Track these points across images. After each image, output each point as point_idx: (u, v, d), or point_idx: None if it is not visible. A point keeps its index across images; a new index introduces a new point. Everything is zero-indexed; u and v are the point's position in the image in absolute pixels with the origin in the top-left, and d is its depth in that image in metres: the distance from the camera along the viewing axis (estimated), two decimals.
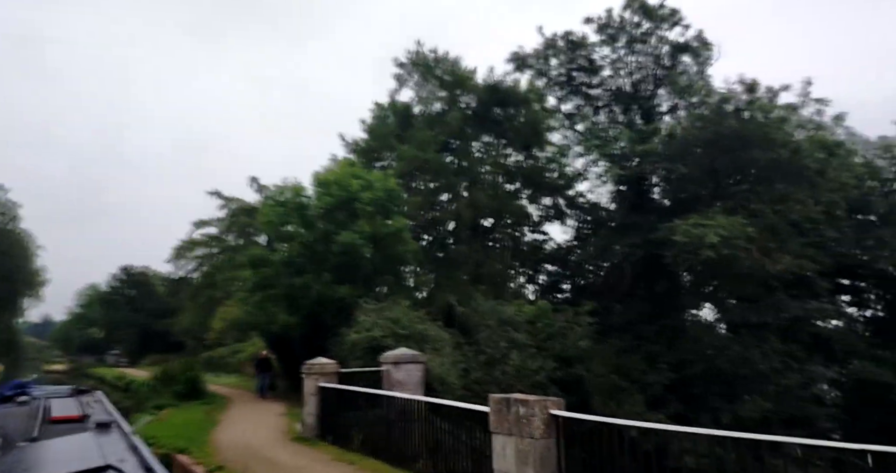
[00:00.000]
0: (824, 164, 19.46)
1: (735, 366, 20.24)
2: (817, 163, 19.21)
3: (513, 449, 5.95)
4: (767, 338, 20.94)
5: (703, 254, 17.60)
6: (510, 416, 6.06)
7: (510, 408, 6.07)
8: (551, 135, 30.65)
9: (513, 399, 6.09)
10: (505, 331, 19.69)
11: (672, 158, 20.71)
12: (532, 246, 30.06)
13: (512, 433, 6.01)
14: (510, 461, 5.95)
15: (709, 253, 17.49)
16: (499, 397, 6.31)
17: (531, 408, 5.80)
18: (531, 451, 5.69)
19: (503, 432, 6.13)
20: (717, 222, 17.87)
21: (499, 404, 6.23)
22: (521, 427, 5.87)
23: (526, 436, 5.79)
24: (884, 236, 27.01)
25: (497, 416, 6.23)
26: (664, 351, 22.67)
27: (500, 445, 6.16)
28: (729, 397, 21.13)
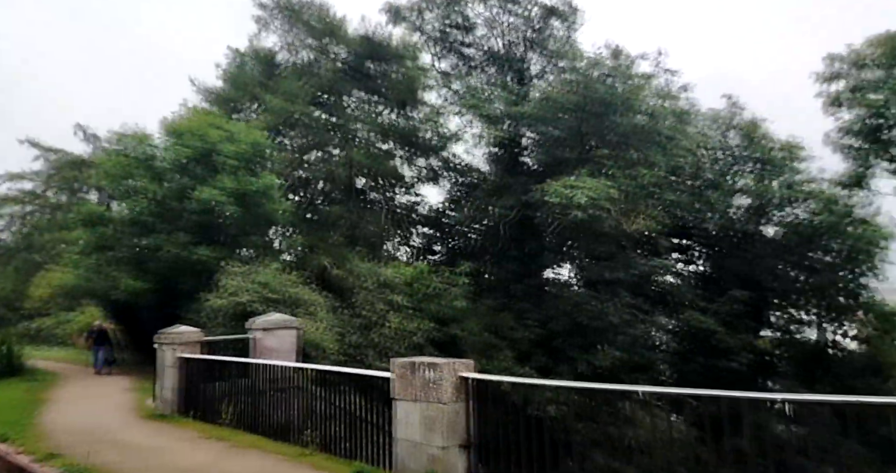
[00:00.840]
0: (675, 131, 21.42)
1: (592, 320, 21.90)
2: (670, 130, 21.07)
3: (418, 416, 5.54)
4: (619, 293, 22.91)
5: (572, 214, 18.52)
6: (416, 381, 5.62)
7: (416, 372, 5.63)
8: (427, 94, 30.13)
9: (419, 363, 5.65)
10: (383, 293, 19.27)
11: (545, 121, 21.35)
12: (407, 208, 29.72)
13: (418, 398, 5.58)
14: (415, 428, 5.54)
15: (578, 213, 18.46)
16: (404, 361, 5.84)
17: (440, 371, 5.40)
18: (439, 417, 5.33)
19: (408, 398, 5.68)
20: (585, 184, 18.87)
21: (404, 368, 5.76)
22: (429, 392, 5.47)
23: (434, 401, 5.41)
24: (711, 199, 30.84)
25: (401, 381, 5.77)
26: (532, 309, 23.87)
27: (404, 412, 5.72)
28: (585, 348, 22.93)
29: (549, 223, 20.30)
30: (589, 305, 21.83)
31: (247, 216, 19.47)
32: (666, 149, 21.90)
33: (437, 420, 5.33)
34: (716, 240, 32.99)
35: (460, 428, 5.36)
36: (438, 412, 5.33)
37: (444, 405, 5.30)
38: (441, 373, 5.38)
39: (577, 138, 22.05)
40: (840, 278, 31.93)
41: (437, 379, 5.39)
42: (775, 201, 31.53)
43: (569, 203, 18.48)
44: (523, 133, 22.94)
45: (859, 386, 34.17)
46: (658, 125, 21.04)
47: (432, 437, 5.33)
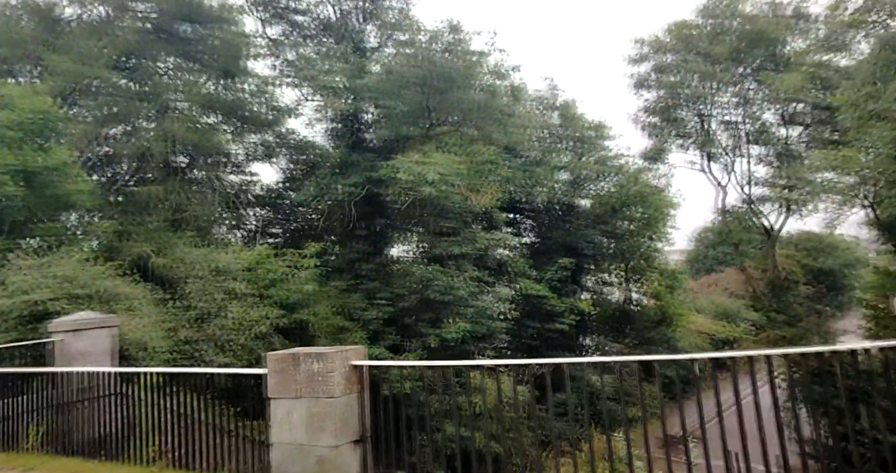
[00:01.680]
0: (512, 108, 22.45)
1: (441, 295, 22.33)
2: (506, 107, 22.00)
3: (303, 414, 4.86)
4: (465, 267, 23.67)
5: (423, 191, 18.46)
6: (300, 375, 4.91)
7: (300, 366, 4.92)
8: (255, 63, 27.65)
9: (304, 355, 4.94)
10: (220, 282, 17.39)
11: (389, 95, 20.88)
12: (238, 188, 27.25)
13: (301, 394, 4.89)
14: (299, 429, 4.86)
15: (429, 190, 18.44)
16: (283, 354, 5.07)
17: (331, 362, 4.77)
18: (330, 413, 4.71)
19: (289, 395, 4.96)
20: (434, 160, 18.90)
21: (283, 362, 5.00)
22: (316, 386, 4.81)
23: (322, 396, 4.77)
24: (538, 174, 33.33)
25: (280, 377, 5.00)
26: (382, 288, 23.58)
27: (285, 412, 4.98)
28: (435, 323, 23.39)
29: (399, 200, 20.03)
30: (438, 280, 22.16)
31: (35, 199, 16.11)
32: (504, 126, 22.87)
33: (327, 417, 4.72)
34: (542, 213, 35.85)
35: (354, 422, 4.82)
36: (328, 407, 4.72)
37: (335, 398, 4.71)
38: (332, 364, 4.76)
39: (422, 114, 21.98)
40: (639, 243, 36.86)
41: (327, 371, 4.77)
42: (590, 176, 35.12)
43: (419, 179, 18.37)
44: (366, 108, 22.21)
45: (654, 335, 40.05)
46: (497, 102, 21.86)
47: (321, 436, 4.72)
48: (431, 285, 22.35)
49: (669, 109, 26.87)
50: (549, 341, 29.39)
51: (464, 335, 22.67)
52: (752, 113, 24.06)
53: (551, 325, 28.74)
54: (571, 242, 33.26)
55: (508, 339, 25.20)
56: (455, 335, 22.44)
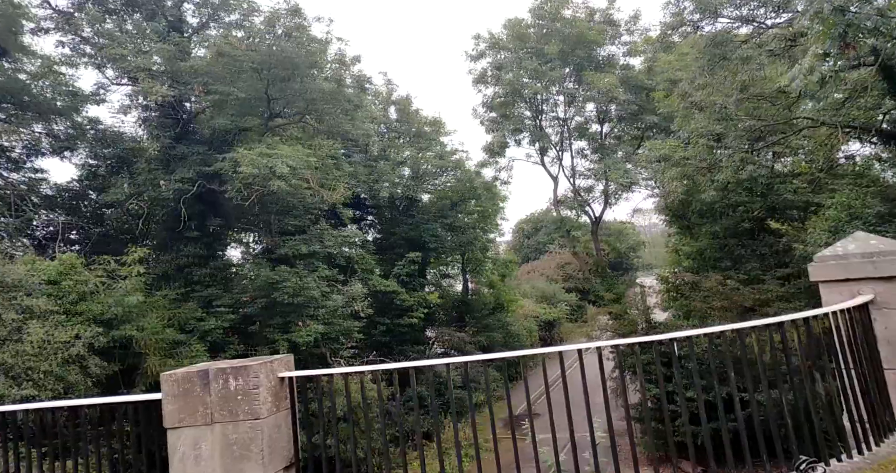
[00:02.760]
0: (360, 99, 21.70)
1: (292, 297, 20.92)
2: (354, 98, 21.20)
3: (218, 444, 3.95)
4: (316, 266, 22.50)
5: (272, 186, 16.92)
6: (212, 396, 3.98)
7: (210, 385, 3.97)
8: (40, 39, 23.04)
9: (216, 371, 4.00)
10: (12, 298, 14.09)
11: (222, 81, 18.72)
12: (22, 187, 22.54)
13: (214, 420, 3.96)
14: (212, 462, 3.94)
15: (279, 184, 16.95)
16: (187, 371, 4.06)
17: (254, 376, 3.92)
18: (255, 438, 3.88)
19: (195, 423, 3.98)
20: (283, 152, 17.43)
21: (187, 383, 4.00)
22: (236, 407, 3.94)
23: (246, 418, 3.91)
24: (381, 169, 33.13)
25: (183, 401, 4.00)
26: (221, 294, 21.36)
27: (190, 443, 4.00)
28: (285, 327, 21.88)
29: (239, 197, 18.14)
30: (288, 282, 20.69)
31: None
32: (353, 118, 22.06)
33: (252, 443, 3.86)
34: (385, 208, 35.74)
35: (284, 445, 4.03)
36: (252, 431, 3.86)
37: (262, 420, 3.87)
38: (255, 378, 3.90)
39: (261, 103, 20.15)
40: (476, 235, 38.71)
41: (250, 388, 3.89)
42: (429, 171, 35.88)
43: (266, 173, 16.80)
44: (193, 95, 19.70)
45: (491, 321, 42.45)
46: (345, 92, 20.94)
47: (244, 468, 3.85)
48: (280, 288, 20.80)
49: (506, 104, 28.42)
50: (399, 336, 29.38)
51: (317, 337, 21.55)
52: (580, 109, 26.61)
53: (402, 320, 28.75)
54: (415, 236, 33.65)
55: (362, 337, 24.56)
56: (308, 339, 21.22)
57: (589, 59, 26.41)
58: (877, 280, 4.68)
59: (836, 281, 4.84)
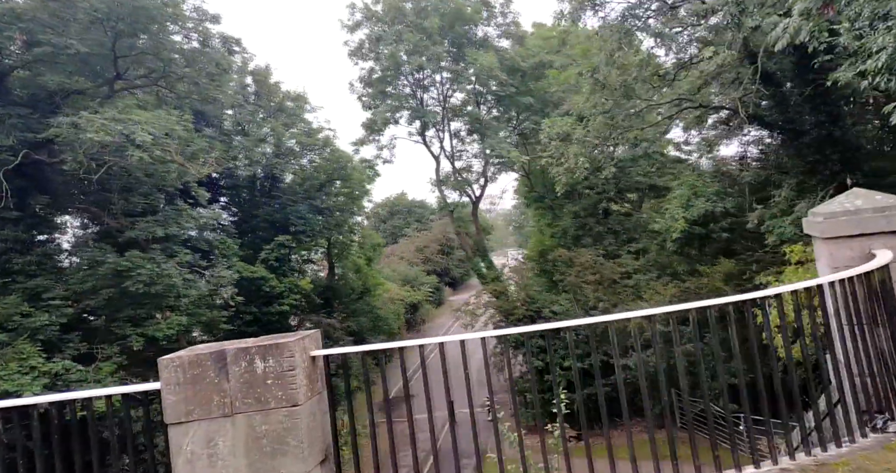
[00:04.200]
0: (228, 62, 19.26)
1: (148, 286, 18.39)
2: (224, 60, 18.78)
3: (243, 438, 3.18)
4: (177, 251, 20.04)
5: (131, 156, 14.39)
6: (230, 382, 3.17)
7: (230, 368, 3.16)
8: None
9: (238, 350, 3.19)
10: None
11: (53, 29, 15.33)
12: None
13: (236, 410, 3.18)
14: (234, 460, 3.17)
15: (140, 155, 14.47)
16: (194, 354, 3.17)
17: (289, 355, 3.19)
18: (293, 428, 3.18)
19: (209, 415, 3.16)
20: (141, 118, 14.88)
21: (198, 368, 3.13)
22: (266, 393, 3.18)
23: (281, 406, 3.18)
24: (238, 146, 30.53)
25: (191, 390, 3.14)
26: (51, 285, 18.01)
27: (203, 439, 3.17)
28: (138, 320, 19.25)
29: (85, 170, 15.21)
30: (142, 268, 18.11)
31: None
32: (220, 84, 19.67)
33: (288, 434, 3.11)
34: (244, 188, 33.05)
35: (319, 435, 3.33)
36: (289, 420, 3.12)
37: (299, 407, 3.14)
38: (291, 357, 3.14)
39: (106, 60, 16.99)
40: (344, 217, 37.60)
41: (284, 369, 3.12)
42: (293, 149, 33.84)
43: (123, 142, 14.27)
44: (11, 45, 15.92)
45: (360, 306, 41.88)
46: (210, 54, 18.45)
47: (278, 464, 3.11)
48: (132, 276, 18.14)
49: (385, 79, 27.53)
50: (268, 325, 27.46)
51: (179, 330, 19.31)
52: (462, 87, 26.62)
53: (271, 308, 26.92)
54: (281, 219, 31.57)
55: (229, 328, 22.53)
56: (170, 332, 18.92)
57: (466, 37, 26.66)
58: (889, 235, 4.72)
59: (845, 237, 4.82)
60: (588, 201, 25.77)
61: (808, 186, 11.32)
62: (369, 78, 28.02)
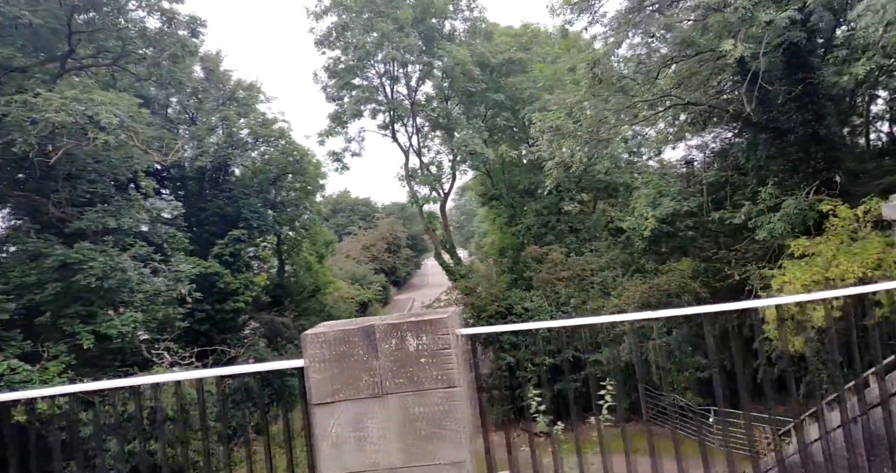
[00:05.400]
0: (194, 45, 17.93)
1: (101, 280, 17.11)
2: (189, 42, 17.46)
3: (395, 420, 2.95)
4: (132, 243, 18.78)
5: (96, 140, 13.21)
6: (380, 360, 2.93)
7: (380, 345, 2.93)
8: None
9: (388, 326, 2.95)
10: None
11: None
12: None
13: (386, 390, 2.94)
14: (386, 443, 2.93)
15: (104, 138, 13.32)
16: (340, 330, 2.92)
17: (444, 332, 2.97)
18: (451, 411, 2.97)
19: (357, 395, 2.91)
20: (105, 98, 13.70)
21: (345, 344, 2.89)
22: (419, 373, 2.96)
23: (434, 386, 2.97)
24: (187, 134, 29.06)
25: (338, 368, 2.89)
26: None
27: (351, 421, 2.92)
28: (87, 317, 17.90)
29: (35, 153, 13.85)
30: (95, 261, 16.83)
31: None
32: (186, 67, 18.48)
33: (445, 417, 2.88)
34: (193, 180, 31.45)
35: (471, 420, 3.11)
36: (447, 403, 2.89)
37: (457, 388, 2.92)
38: (446, 335, 2.89)
39: (59, 34, 15.52)
40: (300, 212, 36.51)
41: (439, 347, 2.88)
42: (244, 141, 32.48)
43: (86, 123, 13.09)
44: None
45: (311, 305, 40.87)
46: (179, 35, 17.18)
47: (436, 450, 2.87)
48: (84, 269, 16.83)
49: (353, 69, 26.70)
50: (221, 324, 26.23)
51: (134, 326, 18.10)
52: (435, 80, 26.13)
53: (226, 305, 25.71)
54: (233, 212, 30.25)
55: (186, 326, 21.34)
56: (123, 330, 17.69)
57: (436, 30, 26.31)
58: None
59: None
60: (550, 199, 26.24)
61: (791, 183, 12.06)
62: (335, 67, 27.21)
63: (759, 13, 8.86)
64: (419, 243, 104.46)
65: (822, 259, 8.42)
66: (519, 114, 24.49)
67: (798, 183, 11.70)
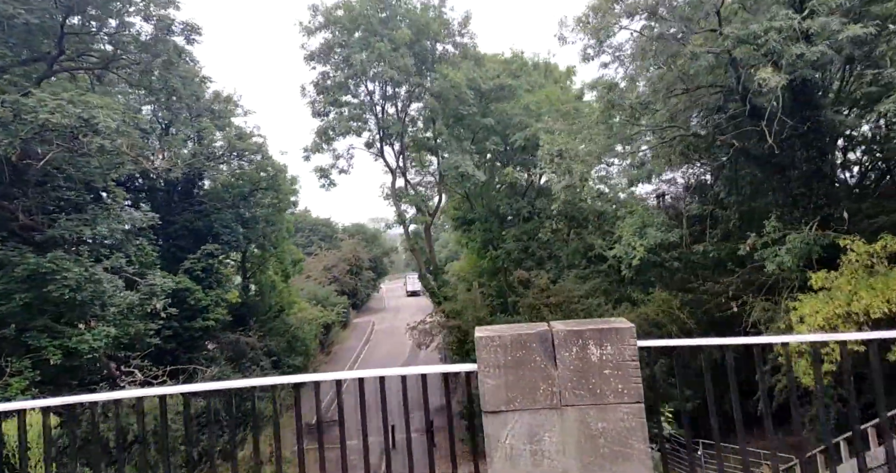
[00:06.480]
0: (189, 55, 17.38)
1: (74, 291, 16.13)
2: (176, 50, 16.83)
3: (574, 435, 2.85)
4: (109, 253, 17.86)
5: (92, 143, 12.48)
6: (559, 369, 2.85)
7: (559, 353, 2.84)
8: None
9: (569, 332, 2.86)
10: None
11: None
12: None
13: (565, 402, 2.85)
14: (563, 459, 2.82)
15: (99, 142, 12.59)
16: (516, 334, 2.82)
17: (629, 343, 2.90)
18: (636, 429, 2.87)
19: (537, 404, 2.80)
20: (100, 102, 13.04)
21: (522, 349, 2.79)
22: (602, 385, 2.88)
23: (619, 401, 2.88)
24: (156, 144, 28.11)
25: (514, 376, 2.78)
26: None
27: (526, 433, 2.80)
28: (56, 331, 16.79)
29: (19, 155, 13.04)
30: (69, 271, 15.89)
31: None
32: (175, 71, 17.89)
33: (630, 436, 2.74)
34: (162, 191, 30.36)
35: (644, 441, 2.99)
36: (632, 419, 2.76)
37: (637, 404, 2.81)
38: (631, 345, 2.79)
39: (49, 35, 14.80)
40: (269, 230, 35.59)
41: (625, 358, 2.78)
42: (217, 153, 31.65)
43: (81, 126, 12.44)
44: None
45: (277, 325, 39.66)
46: (174, 43, 16.67)
47: (618, 470, 2.74)
48: (57, 280, 15.85)
49: (346, 86, 26.48)
50: (188, 342, 25.02)
51: (106, 342, 17.07)
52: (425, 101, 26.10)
53: (195, 322, 24.58)
54: (203, 226, 29.23)
55: (157, 342, 20.28)
56: (95, 345, 16.66)
57: (429, 52, 26.57)
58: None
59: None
60: (530, 225, 26.56)
61: (792, 217, 12.64)
62: (324, 83, 27.01)
63: (789, 47, 9.33)
64: (379, 265, 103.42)
65: (843, 293, 8.81)
66: (509, 138, 24.90)
67: (799, 218, 12.29)
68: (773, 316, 12.20)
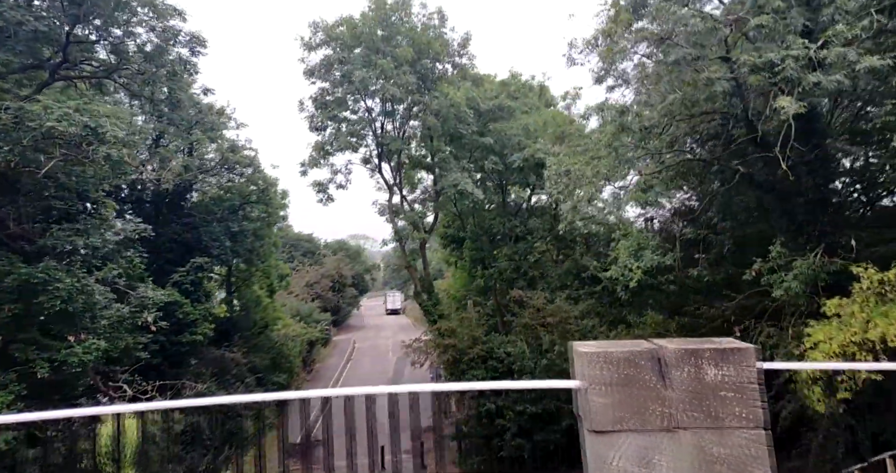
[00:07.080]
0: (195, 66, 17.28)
1: (66, 302, 15.69)
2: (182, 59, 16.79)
3: (688, 459, 2.82)
4: (102, 265, 17.43)
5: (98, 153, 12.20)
6: (672, 390, 2.82)
7: (671, 372, 2.83)
8: None
9: (682, 351, 2.83)
10: None
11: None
12: None
13: (678, 424, 2.83)
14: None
15: (105, 151, 12.31)
16: (626, 351, 2.78)
17: (749, 365, 2.88)
18: (759, 457, 2.85)
19: (647, 426, 2.78)
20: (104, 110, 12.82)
21: (632, 367, 2.75)
22: (720, 408, 2.86)
23: (739, 426, 2.85)
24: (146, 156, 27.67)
25: (623, 395, 2.75)
26: None
27: (635, 455, 2.77)
28: (44, 344, 16.27)
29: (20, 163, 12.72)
30: (61, 282, 15.46)
31: None
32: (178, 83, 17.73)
33: (752, 464, 2.70)
34: (149, 203, 29.89)
35: None
36: (753, 446, 2.73)
37: (759, 430, 2.80)
38: (751, 367, 2.77)
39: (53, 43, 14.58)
40: (258, 245, 35.21)
41: (745, 381, 2.77)
42: (208, 166, 31.35)
43: (87, 135, 12.20)
44: None
45: (261, 341, 39.01)
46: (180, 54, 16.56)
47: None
48: (49, 291, 15.41)
49: (345, 102, 26.54)
50: (175, 356, 24.41)
51: (97, 355, 16.58)
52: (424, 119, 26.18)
53: (183, 337, 24.03)
54: (192, 239, 28.79)
55: (147, 357, 19.72)
56: (85, 358, 16.18)
57: (430, 70, 26.88)
58: None
59: None
60: (524, 244, 26.72)
61: (797, 244, 12.94)
62: (323, 98, 27.09)
63: (806, 76, 9.63)
64: (360, 282, 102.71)
65: (857, 321, 9.00)
66: (507, 158, 25.15)
67: (803, 244, 12.59)
68: (778, 342, 12.40)
